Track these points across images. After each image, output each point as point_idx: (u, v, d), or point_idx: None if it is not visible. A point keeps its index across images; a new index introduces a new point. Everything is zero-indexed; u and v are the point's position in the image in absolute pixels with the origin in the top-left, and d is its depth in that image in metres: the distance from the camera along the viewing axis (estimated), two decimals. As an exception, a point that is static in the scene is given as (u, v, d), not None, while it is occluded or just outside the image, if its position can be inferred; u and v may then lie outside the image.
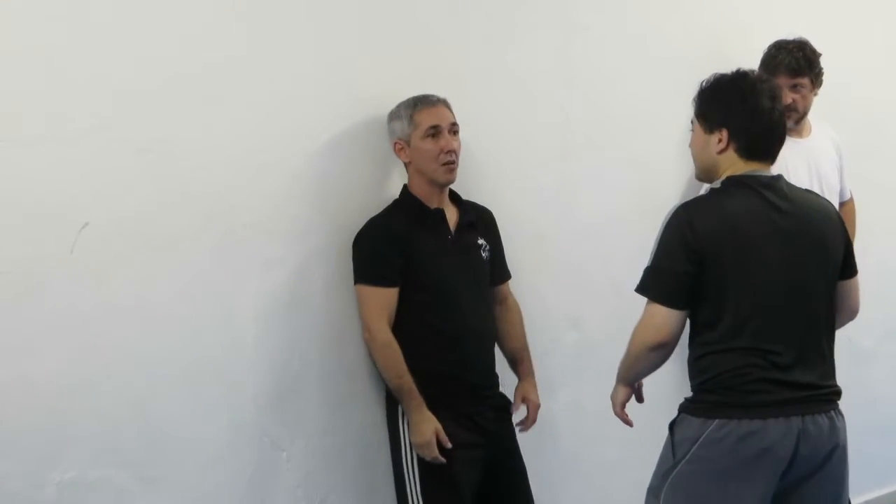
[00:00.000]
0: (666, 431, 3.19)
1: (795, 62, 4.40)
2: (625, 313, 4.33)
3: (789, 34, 4.46)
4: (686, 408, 3.17)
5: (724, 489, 3.07)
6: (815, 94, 4.48)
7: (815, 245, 3.15)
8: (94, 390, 3.12)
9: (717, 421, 3.06)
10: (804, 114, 4.47)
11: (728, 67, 3.20)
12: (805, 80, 4.41)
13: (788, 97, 4.41)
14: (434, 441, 3.48)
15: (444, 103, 3.60)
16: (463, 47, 3.89)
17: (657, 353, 3.15)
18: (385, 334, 3.52)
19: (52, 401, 3.05)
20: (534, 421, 3.81)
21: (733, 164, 3.15)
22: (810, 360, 3.13)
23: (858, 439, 5.04)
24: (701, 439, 3.07)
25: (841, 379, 4.63)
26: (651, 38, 4.40)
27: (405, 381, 3.50)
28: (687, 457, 3.09)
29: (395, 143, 3.60)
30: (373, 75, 3.66)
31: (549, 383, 3.94)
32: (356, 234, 3.57)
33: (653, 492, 3.19)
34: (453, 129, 3.59)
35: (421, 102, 3.57)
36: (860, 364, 5.20)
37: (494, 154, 3.71)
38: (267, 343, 3.45)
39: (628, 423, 3.39)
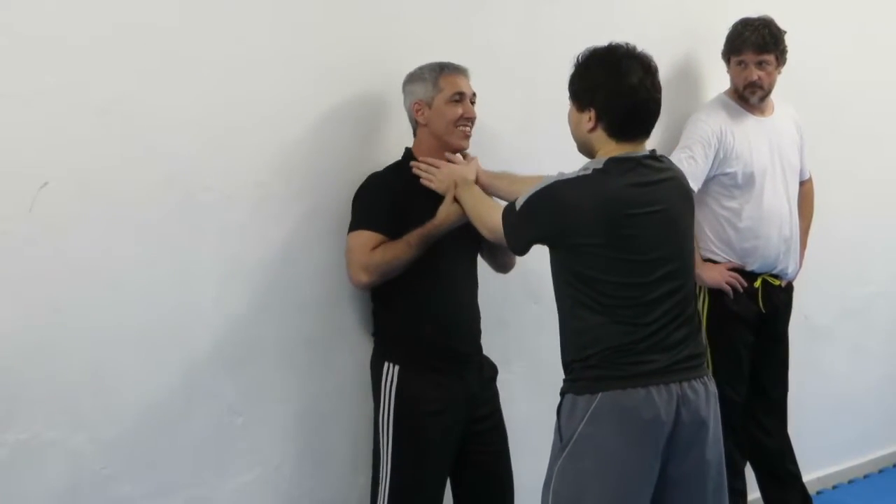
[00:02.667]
0: None
1: (761, 38, 4.41)
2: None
3: (756, 12, 4.47)
4: (569, 388, 3.16)
5: (614, 463, 3.07)
6: (779, 73, 4.50)
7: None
8: (50, 351, 3.10)
9: (600, 395, 3.07)
10: (769, 91, 4.49)
11: (697, 44, 3.18)
12: (770, 57, 4.43)
13: (754, 74, 4.44)
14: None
15: (466, 73, 3.65)
16: (429, 17, 3.86)
17: None
18: (371, 255, 3.50)
19: (6, 361, 3.02)
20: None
21: (605, 144, 3.16)
22: (685, 327, 3.16)
23: (813, 416, 5.15)
24: (587, 416, 3.07)
25: (796, 356, 4.73)
26: (619, 14, 4.39)
27: (411, 237, 3.50)
28: (574, 437, 3.09)
29: (415, 104, 3.61)
30: (338, 43, 3.63)
31: (505, 356, 3.93)
32: (358, 187, 3.60)
33: (546, 484, 3.16)
34: (473, 99, 3.64)
35: (447, 68, 3.61)
36: (816, 342, 5.27)
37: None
38: (225, 308, 3.44)
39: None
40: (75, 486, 3.17)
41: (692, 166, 4.34)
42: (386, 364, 3.59)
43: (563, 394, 3.19)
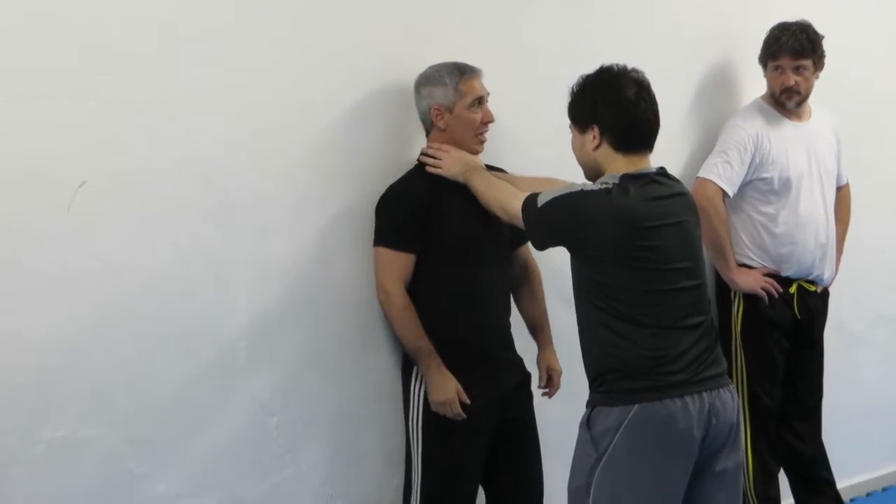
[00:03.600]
0: None
1: (798, 44, 4.39)
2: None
3: (793, 16, 4.45)
4: (600, 400, 3.18)
5: (652, 473, 3.10)
6: (817, 77, 4.48)
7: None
8: (87, 350, 3.11)
9: (637, 406, 3.09)
10: (806, 96, 4.47)
11: (734, 47, 3.17)
12: (808, 62, 4.40)
13: (791, 79, 4.41)
14: (456, 399, 3.50)
15: (481, 74, 3.63)
16: (467, 18, 3.86)
17: None
18: (403, 298, 3.54)
19: (44, 359, 3.05)
20: (558, 387, 3.85)
21: (613, 160, 3.19)
22: (707, 337, 3.20)
23: (847, 422, 5.11)
24: (623, 427, 3.09)
25: (831, 363, 4.70)
26: (659, 15, 4.38)
27: (423, 343, 3.53)
28: (610, 448, 3.10)
29: (434, 109, 3.59)
30: (372, 44, 3.64)
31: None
32: (379, 198, 3.59)
33: (580, 491, 3.18)
34: (487, 99, 3.64)
35: (466, 71, 3.60)
36: (851, 348, 5.23)
37: (493, 126, 3.69)
38: (260, 309, 3.44)
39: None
40: (109, 484, 3.19)
41: (728, 171, 4.33)
42: (415, 366, 3.60)
43: (593, 405, 3.20)
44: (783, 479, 4.70)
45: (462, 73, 3.58)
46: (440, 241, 3.56)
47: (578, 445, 3.21)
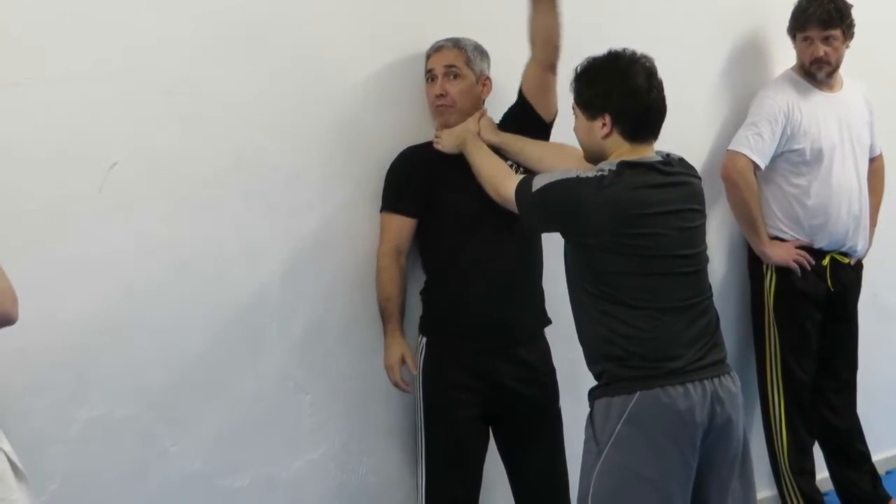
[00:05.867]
0: None
1: (826, 14, 4.35)
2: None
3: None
4: (603, 392, 3.13)
5: (655, 461, 3.04)
6: (847, 47, 4.43)
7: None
8: (121, 330, 3.14)
9: (638, 394, 3.05)
10: (836, 67, 4.43)
11: (764, 19, 3.13)
12: (837, 32, 4.36)
13: (820, 49, 4.38)
14: (396, 365, 3.53)
15: (444, 47, 3.60)
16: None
17: None
18: (384, 259, 3.55)
19: (79, 339, 3.07)
20: None
21: (620, 147, 3.16)
22: (708, 324, 3.15)
23: (882, 395, 5.08)
24: (624, 416, 3.05)
25: (865, 335, 4.67)
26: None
27: (390, 305, 3.54)
28: (612, 439, 3.06)
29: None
30: (403, 24, 3.64)
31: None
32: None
33: (582, 494, 3.12)
34: (453, 71, 3.58)
35: (431, 48, 3.63)
36: (886, 320, 5.18)
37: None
38: (292, 287, 3.46)
39: None
40: (145, 462, 3.22)
41: (759, 143, 4.30)
42: (419, 336, 3.62)
43: (595, 399, 3.15)
44: (818, 453, 4.69)
45: (430, 49, 3.62)
46: (443, 208, 3.55)
47: (585, 444, 3.16)
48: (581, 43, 3.68)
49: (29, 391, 2.99)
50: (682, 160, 3.25)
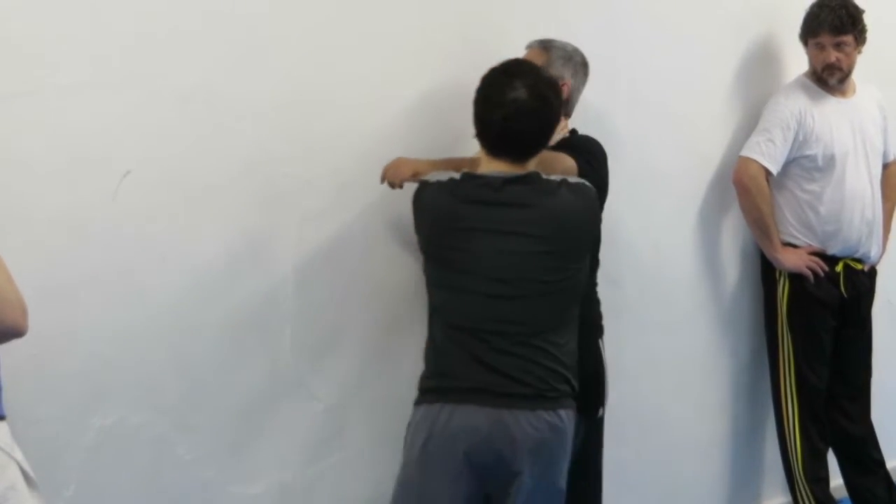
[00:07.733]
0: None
1: (838, 20, 4.35)
2: (662, 271, 4.35)
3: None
4: (415, 400, 3.21)
5: (429, 480, 3.10)
6: (859, 53, 4.43)
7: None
8: (134, 338, 3.13)
9: (422, 407, 3.11)
10: (848, 72, 4.43)
11: (777, 24, 3.11)
12: (849, 38, 4.36)
13: (832, 56, 4.37)
14: None
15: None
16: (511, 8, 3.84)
17: None
18: None
19: (92, 347, 3.07)
20: None
21: (483, 158, 3.18)
22: (520, 354, 3.07)
23: (897, 401, 5.07)
24: (411, 427, 3.15)
25: (880, 342, 4.66)
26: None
27: None
28: (403, 451, 3.17)
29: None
30: (421, 32, 3.64)
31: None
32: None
33: None
34: None
35: None
36: (900, 326, 5.17)
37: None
38: (305, 295, 3.45)
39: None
40: (159, 471, 3.21)
41: (771, 149, 4.30)
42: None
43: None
44: (832, 460, 4.68)
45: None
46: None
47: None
48: (595, 50, 3.70)
49: (43, 399, 2.99)
50: (543, 182, 3.11)
